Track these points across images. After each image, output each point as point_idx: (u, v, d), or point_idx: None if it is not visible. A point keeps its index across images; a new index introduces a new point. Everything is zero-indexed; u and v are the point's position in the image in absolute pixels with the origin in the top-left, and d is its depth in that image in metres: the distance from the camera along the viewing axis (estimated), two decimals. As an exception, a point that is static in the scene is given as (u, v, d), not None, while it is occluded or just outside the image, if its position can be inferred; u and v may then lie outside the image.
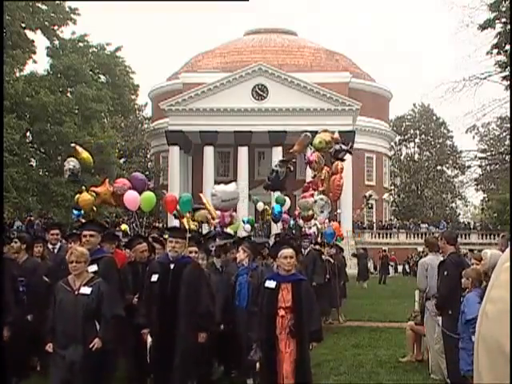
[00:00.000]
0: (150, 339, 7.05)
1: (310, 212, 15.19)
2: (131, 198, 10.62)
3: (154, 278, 7.13)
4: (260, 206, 20.23)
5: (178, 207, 12.12)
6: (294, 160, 13.49)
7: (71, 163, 11.06)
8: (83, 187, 11.49)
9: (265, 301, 6.75)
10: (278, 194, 18.23)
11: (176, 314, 7.00)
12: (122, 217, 44.12)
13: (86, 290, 6.26)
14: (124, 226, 14.56)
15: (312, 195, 14.62)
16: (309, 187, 15.35)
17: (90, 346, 6.09)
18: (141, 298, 7.62)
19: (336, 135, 13.52)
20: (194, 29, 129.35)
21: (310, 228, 17.96)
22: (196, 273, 7.25)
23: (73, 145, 11.89)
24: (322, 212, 13.93)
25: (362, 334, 14.10)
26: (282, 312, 6.57)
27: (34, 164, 39.00)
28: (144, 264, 8.22)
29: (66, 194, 33.10)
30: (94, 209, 11.42)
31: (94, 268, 7.06)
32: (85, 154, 11.28)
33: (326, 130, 13.70)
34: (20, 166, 33.92)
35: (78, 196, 11.36)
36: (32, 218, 36.86)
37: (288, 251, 6.76)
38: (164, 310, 7.04)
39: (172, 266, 7.14)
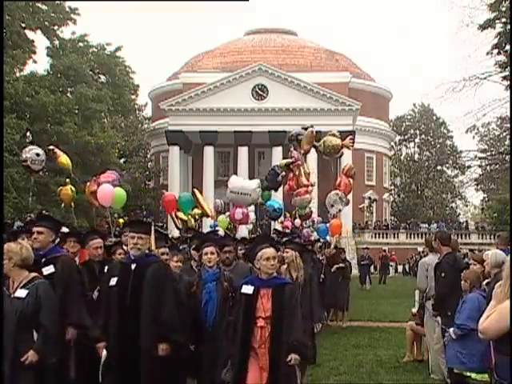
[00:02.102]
0: (105, 354, 5.95)
1: (307, 210, 14.89)
2: (105, 192, 9.90)
3: (113, 281, 6.03)
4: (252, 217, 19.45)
5: (177, 207, 11.89)
6: (298, 162, 13.34)
7: (33, 151, 10.28)
8: (67, 180, 11.36)
9: (241, 309, 5.76)
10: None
11: (138, 325, 5.90)
12: (122, 217, 44.10)
13: (21, 293, 5.38)
14: (121, 220, 14.26)
15: (307, 192, 14.16)
16: (292, 186, 14.61)
17: (22, 359, 5.23)
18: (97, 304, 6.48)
19: (346, 141, 13.40)
20: (194, 29, 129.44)
21: (308, 227, 17.60)
22: (161, 273, 6.10)
23: (51, 147, 11.30)
24: (332, 206, 13.65)
25: (362, 333, 14.11)
26: (261, 322, 5.62)
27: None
28: (100, 263, 7.31)
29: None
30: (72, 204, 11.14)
31: (50, 270, 6.33)
32: (63, 158, 10.79)
33: (333, 134, 13.62)
34: (20, 166, 33.84)
35: (60, 188, 11.22)
36: (32, 218, 36.83)
37: (270, 251, 5.81)
38: (123, 320, 5.93)
39: (133, 267, 6.04)
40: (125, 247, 7.47)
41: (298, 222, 17.25)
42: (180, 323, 6.08)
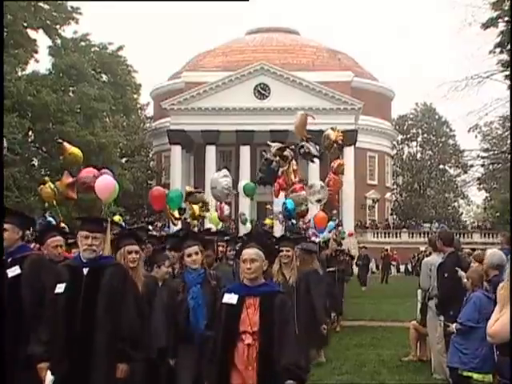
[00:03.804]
0: (49, 377, 5.01)
1: (303, 207, 13.80)
2: (106, 183, 8.76)
3: (60, 288, 5.13)
4: (248, 227, 19.09)
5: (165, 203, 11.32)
6: (291, 147, 12.70)
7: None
8: (46, 178, 11.22)
9: (223, 322, 4.79)
10: (246, 182, 15.99)
11: (91, 341, 4.98)
12: (124, 216, 44.13)
13: None
14: (117, 217, 13.81)
15: (303, 188, 13.30)
16: (282, 183, 14.04)
17: None
18: (40, 316, 5.35)
19: (337, 135, 13.06)
20: (195, 28, 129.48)
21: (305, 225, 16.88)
22: (120, 278, 5.23)
23: (59, 140, 11.10)
24: (317, 201, 13.08)
25: (365, 333, 14.10)
26: (247, 339, 4.66)
27: (36, 163, 39.01)
28: (59, 263, 6.28)
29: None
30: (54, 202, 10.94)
31: (15, 271, 5.64)
32: (74, 150, 10.16)
33: (332, 129, 13.39)
34: (22, 165, 33.94)
35: (40, 187, 11.09)
36: (35, 218, 36.88)
37: (248, 252, 4.82)
38: (73, 335, 5.00)
39: (86, 272, 5.16)
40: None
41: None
42: (145, 336, 5.28)
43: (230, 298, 4.81)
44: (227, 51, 57.36)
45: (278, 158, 12.30)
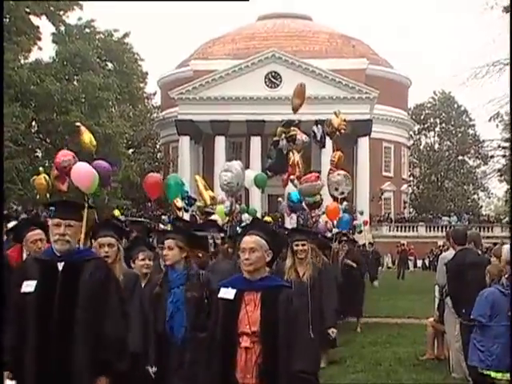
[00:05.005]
0: None
1: (318, 198, 13.27)
2: (82, 171, 8.40)
3: (29, 286, 4.41)
4: (246, 217, 18.79)
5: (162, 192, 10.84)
6: (297, 122, 12.42)
7: None
8: (40, 168, 11.19)
9: (219, 321, 4.24)
10: (255, 172, 15.26)
11: (69, 348, 4.31)
12: (131, 209, 44.29)
13: None
14: (117, 212, 13.61)
15: (318, 178, 12.86)
16: (292, 171, 13.54)
17: None
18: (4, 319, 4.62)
19: (340, 122, 12.88)
20: (204, 14, 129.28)
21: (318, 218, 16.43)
22: (102, 274, 4.52)
23: (78, 124, 10.84)
24: (336, 190, 12.69)
25: (380, 330, 14.09)
26: (245, 341, 4.11)
27: (40, 155, 39.17)
28: None
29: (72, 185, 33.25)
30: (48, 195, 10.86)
31: None
32: (86, 137, 10.12)
33: (336, 114, 13.23)
34: (25, 156, 34.07)
35: (34, 177, 11.04)
36: (39, 211, 37.00)
37: (247, 240, 4.26)
38: (47, 341, 4.30)
39: (61, 267, 4.44)
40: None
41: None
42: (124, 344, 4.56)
43: (227, 293, 4.24)
44: (237, 38, 57.29)
45: (283, 137, 11.94)
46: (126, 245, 6.60)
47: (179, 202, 12.16)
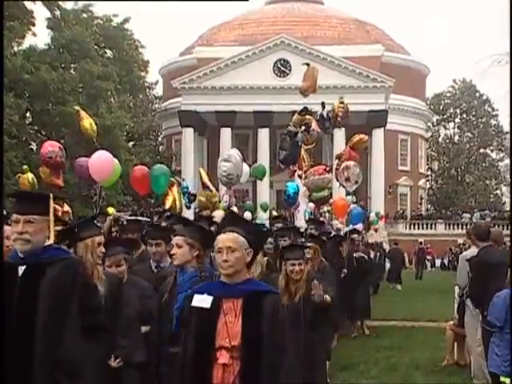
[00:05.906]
0: None
1: (325, 193, 13.20)
2: (104, 162, 8.29)
3: None
4: (247, 215, 18.82)
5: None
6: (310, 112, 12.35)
7: None
8: (25, 167, 11.27)
9: (193, 333, 3.86)
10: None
11: (29, 364, 3.88)
12: (131, 205, 44.33)
13: None
14: (111, 210, 13.44)
15: (326, 170, 12.83)
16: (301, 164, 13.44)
17: None
18: None
19: (337, 105, 12.76)
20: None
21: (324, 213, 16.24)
22: (67, 279, 4.02)
23: (76, 108, 10.84)
24: (356, 182, 12.57)
25: (396, 334, 14.10)
26: (223, 357, 3.73)
27: (35, 148, 39.26)
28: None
29: (69, 181, 33.32)
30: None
31: None
32: (86, 122, 10.02)
33: (341, 98, 13.15)
34: (19, 149, 34.16)
35: (18, 175, 11.10)
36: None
37: (225, 238, 3.87)
38: (3, 356, 3.89)
39: (22, 271, 4.02)
40: None
41: (310, 206, 15.88)
42: (88, 359, 4.14)
43: (202, 301, 3.84)
44: (244, 24, 57.26)
45: (301, 128, 11.87)
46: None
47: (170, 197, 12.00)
